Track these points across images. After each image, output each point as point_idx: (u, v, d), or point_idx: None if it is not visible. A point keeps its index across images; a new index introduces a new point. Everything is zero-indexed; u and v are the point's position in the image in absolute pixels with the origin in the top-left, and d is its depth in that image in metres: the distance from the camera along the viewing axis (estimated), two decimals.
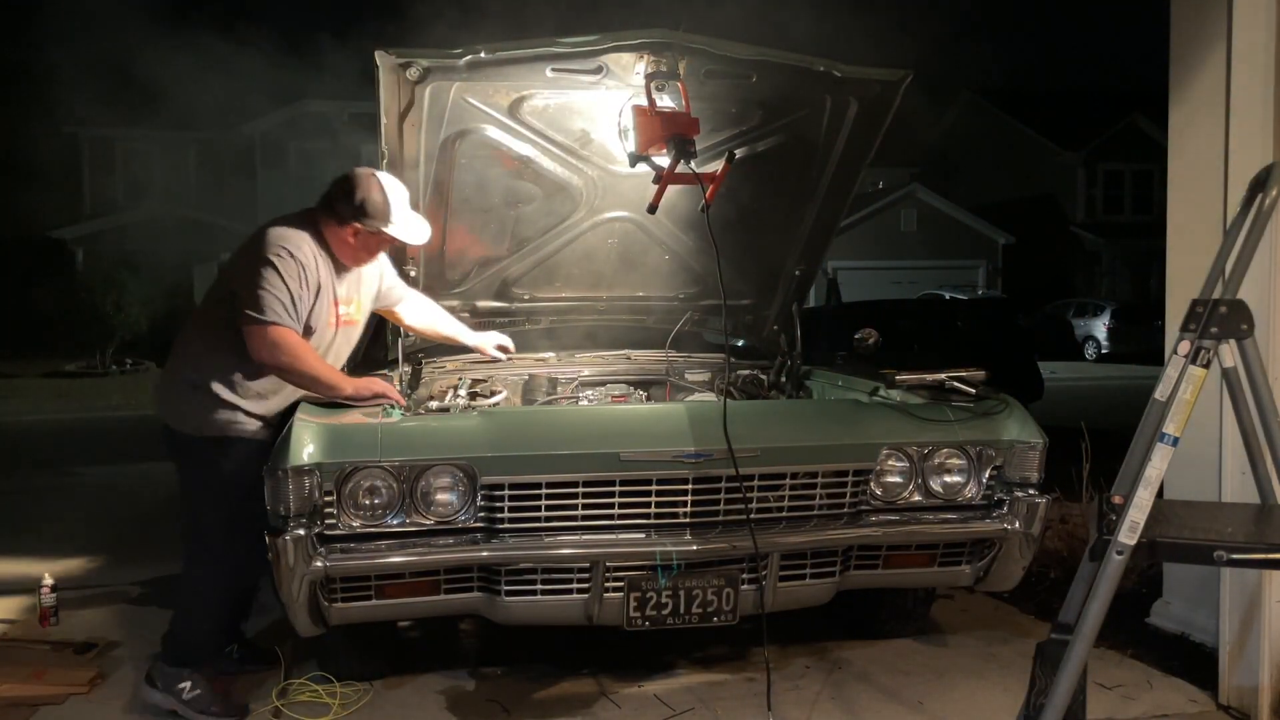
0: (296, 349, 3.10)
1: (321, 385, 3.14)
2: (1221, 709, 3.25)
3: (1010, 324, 12.13)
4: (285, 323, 3.08)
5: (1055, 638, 2.35)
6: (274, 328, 3.06)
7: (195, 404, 3.18)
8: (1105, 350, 22.35)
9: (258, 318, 3.05)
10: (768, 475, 3.13)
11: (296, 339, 3.12)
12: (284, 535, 2.84)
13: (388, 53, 3.14)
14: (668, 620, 3.06)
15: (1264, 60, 3.11)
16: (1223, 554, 2.09)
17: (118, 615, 4.39)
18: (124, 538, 5.96)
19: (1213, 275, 2.36)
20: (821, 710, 3.27)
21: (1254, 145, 3.14)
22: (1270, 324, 3.06)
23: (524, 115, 3.56)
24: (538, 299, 4.25)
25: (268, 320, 3.05)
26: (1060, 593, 2.90)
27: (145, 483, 7.90)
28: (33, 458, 9.65)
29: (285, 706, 3.30)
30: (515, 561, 3.00)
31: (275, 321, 3.06)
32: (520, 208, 3.88)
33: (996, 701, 3.28)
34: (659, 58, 3.35)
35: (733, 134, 3.76)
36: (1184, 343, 2.25)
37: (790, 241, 4.17)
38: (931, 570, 3.38)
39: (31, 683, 3.46)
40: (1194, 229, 3.51)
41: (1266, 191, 2.22)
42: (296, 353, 3.09)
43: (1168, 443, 2.16)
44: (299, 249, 3.16)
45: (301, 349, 3.12)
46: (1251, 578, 3.14)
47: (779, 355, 4.32)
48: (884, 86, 3.60)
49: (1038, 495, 3.28)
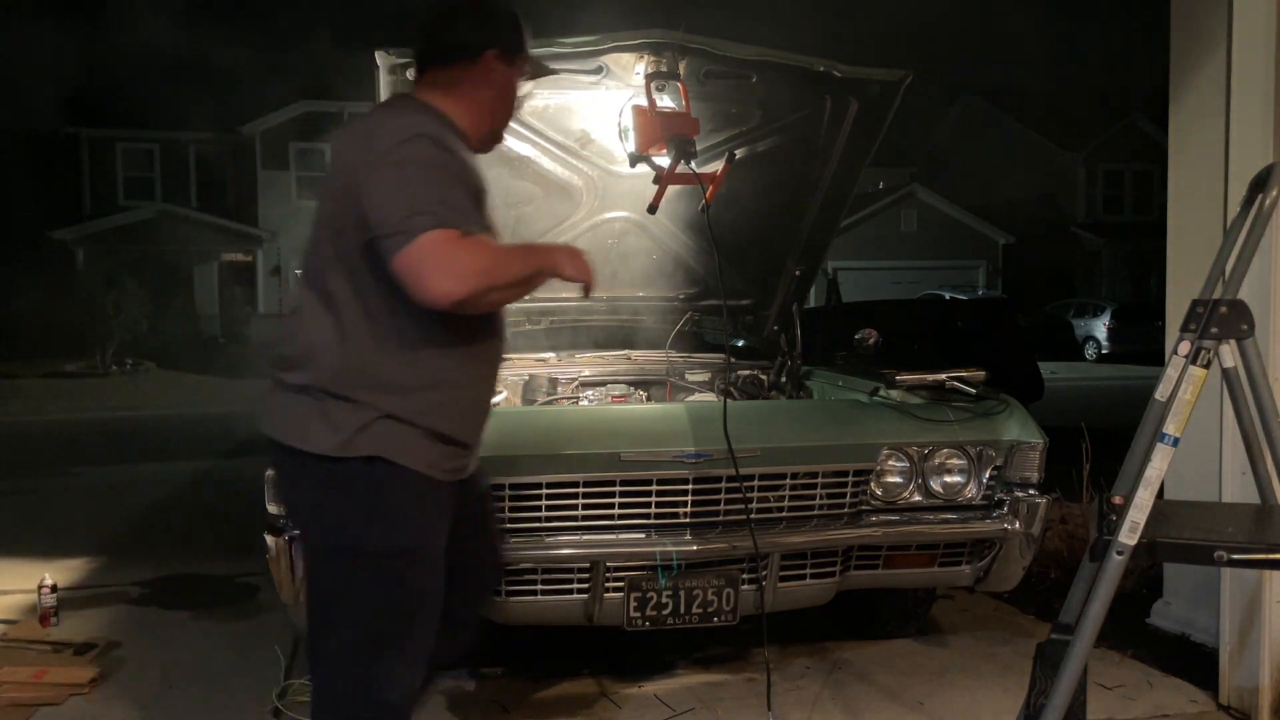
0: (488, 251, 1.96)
1: (534, 280, 2.04)
2: (1222, 709, 3.24)
3: (1010, 324, 12.12)
4: (465, 225, 1.91)
5: (1055, 638, 2.34)
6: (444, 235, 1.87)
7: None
8: (1105, 350, 22.36)
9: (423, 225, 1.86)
10: (768, 475, 3.13)
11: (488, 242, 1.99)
12: (284, 535, 2.85)
13: (388, 52, 3.14)
14: (668, 620, 3.06)
15: (1264, 61, 3.11)
16: (1223, 554, 2.09)
17: (118, 615, 4.39)
18: (124, 538, 5.96)
19: (1213, 275, 2.36)
20: (821, 710, 3.27)
21: (1254, 145, 3.14)
22: (1270, 324, 3.06)
23: (524, 115, 3.56)
24: (538, 299, 4.25)
25: (446, 224, 1.87)
26: (1060, 593, 2.90)
27: (145, 483, 7.90)
28: (33, 458, 9.65)
29: (285, 707, 3.30)
30: (515, 561, 3.00)
31: (445, 224, 1.88)
32: (520, 208, 3.88)
33: (997, 702, 3.28)
34: (659, 58, 3.35)
35: (733, 134, 3.76)
36: (1184, 343, 2.24)
37: (790, 242, 4.17)
38: (931, 570, 3.38)
39: (31, 683, 3.46)
40: (1194, 229, 3.51)
41: (1266, 192, 2.22)
42: (492, 254, 1.97)
43: (1168, 443, 2.16)
44: (443, 136, 2.00)
45: (496, 247, 2.02)
46: (1251, 578, 3.14)
47: (779, 355, 4.32)
48: (884, 87, 3.61)
49: (1038, 495, 3.29)
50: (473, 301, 1.89)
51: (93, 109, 24.94)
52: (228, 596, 4.67)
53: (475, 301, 1.90)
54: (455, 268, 1.85)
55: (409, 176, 1.91)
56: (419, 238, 1.84)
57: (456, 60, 2.11)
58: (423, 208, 1.87)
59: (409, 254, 1.85)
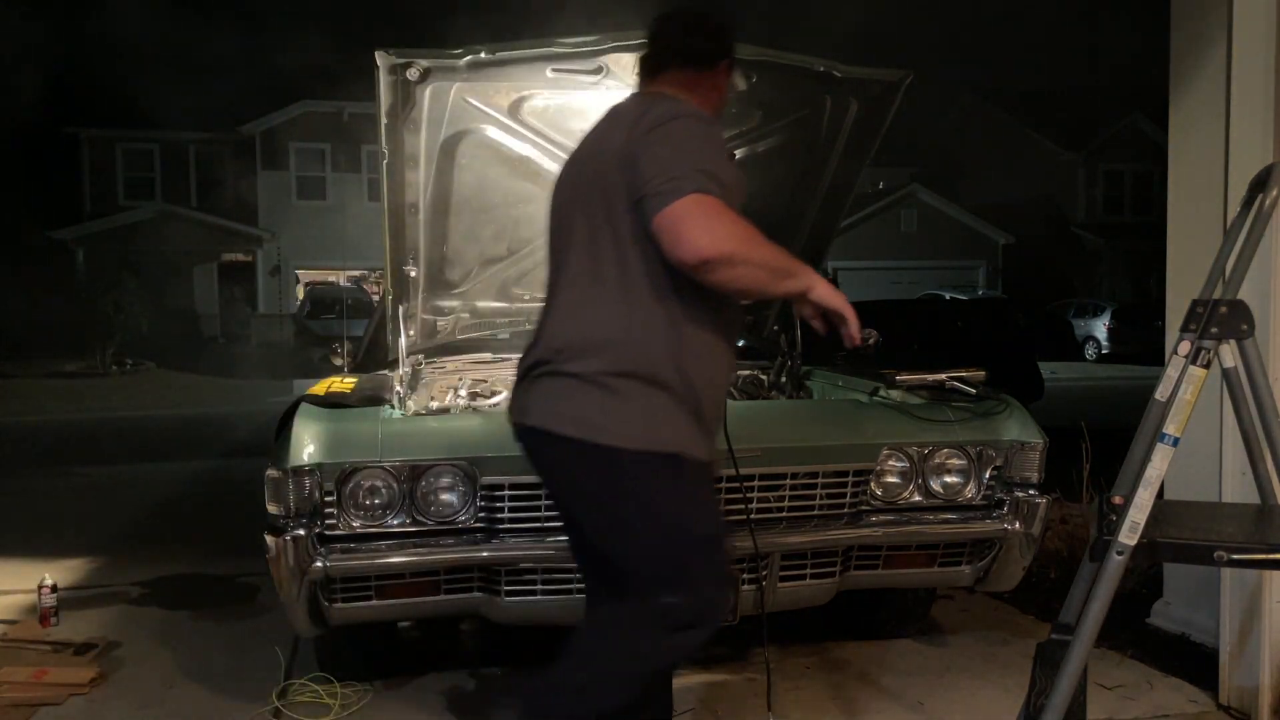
0: (746, 226, 2.03)
1: (783, 279, 2.11)
2: (1222, 709, 3.24)
3: (1010, 324, 12.13)
4: (728, 200, 2.01)
5: (1055, 638, 2.35)
6: (709, 198, 1.96)
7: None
8: (1105, 350, 22.36)
9: (693, 187, 1.96)
10: (768, 475, 3.12)
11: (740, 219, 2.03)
12: (284, 535, 2.85)
13: (388, 53, 3.14)
14: None
15: (1264, 60, 3.11)
16: (1223, 554, 2.09)
17: (118, 615, 4.39)
18: (124, 538, 5.96)
19: (1213, 275, 2.36)
20: (821, 710, 3.27)
21: (1254, 145, 3.14)
22: (1270, 324, 3.06)
23: (524, 115, 3.56)
24: (538, 299, 4.23)
25: (707, 190, 1.96)
26: (1060, 593, 2.90)
27: (145, 483, 7.91)
28: (33, 458, 9.65)
29: (285, 707, 3.30)
30: (515, 561, 3.00)
31: (708, 191, 1.97)
32: (520, 208, 3.88)
33: (997, 702, 3.28)
34: None
35: (733, 134, 3.75)
36: (1184, 343, 2.24)
37: (790, 241, 4.16)
38: (932, 570, 3.38)
39: (31, 683, 3.46)
40: (1194, 229, 3.51)
41: (1266, 192, 2.22)
42: (749, 231, 2.02)
43: (1168, 443, 2.16)
44: (710, 120, 2.20)
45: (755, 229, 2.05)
46: (1251, 578, 3.14)
47: (779, 355, 4.32)
48: (884, 87, 3.60)
49: (1038, 495, 3.29)
50: (721, 265, 1.95)
51: (93, 109, 24.94)
52: (228, 596, 4.67)
53: (723, 266, 1.95)
54: (714, 226, 1.93)
55: (681, 144, 2.02)
56: (684, 197, 1.94)
57: (697, 64, 2.32)
58: (689, 172, 1.97)
59: (672, 210, 1.94)
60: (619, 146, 2.08)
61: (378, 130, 3.35)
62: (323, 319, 20.55)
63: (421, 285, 3.85)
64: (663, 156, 2.00)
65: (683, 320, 2.08)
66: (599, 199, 2.10)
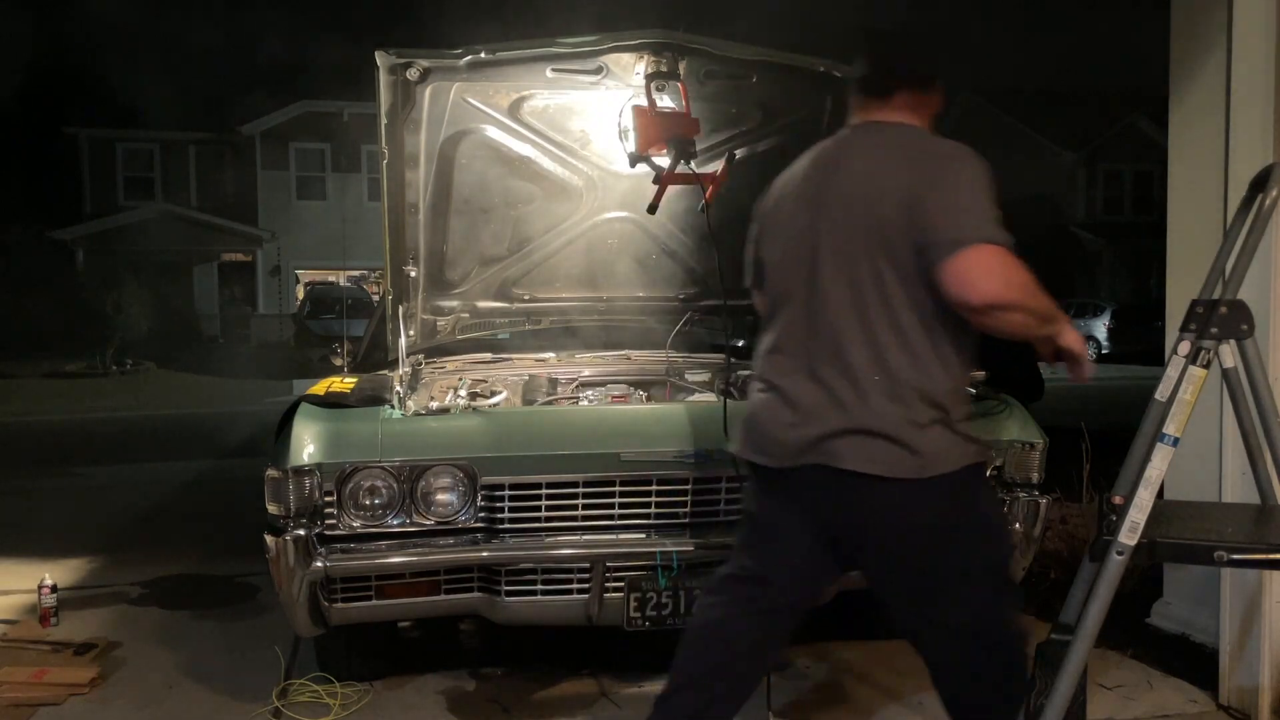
0: (1029, 275, 2.11)
1: (1046, 325, 2.19)
2: (1222, 709, 3.24)
3: None
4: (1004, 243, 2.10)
5: (1055, 638, 2.34)
6: (1001, 249, 2.08)
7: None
8: (1105, 350, 22.35)
9: (983, 236, 2.08)
10: None
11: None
12: (284, 535, 2.85)
13: (387, 52, 3.14)
14: (668, 620, 3.06)
15: (1264, 61, 3.11)
16: (1223, 554, 2.09)
17: (118, 615, 4.39)
18: (124, 538, 5.96)
19: (1213, 275, 2.36)
20: (821, 710, 3.27)
21: (1254, 145, 3.14)
22: (1270, 324, 3.06)
23: (524, 115, 3.56)
24: (538, 299, 4.25)
25: (996, 239, 2.09)
26: (1060, 593, 2.90)
27: (145, 483, 7.91)
28: (33, 458, 9.65)
29: (285, 707, 3.30)
30: (515, 561, 3.00)
31: (999, 241, 2.09)
32: (520, 208, 3.88)
33: None
34: (659, 58, 3.35)
35: (733, 134, 3.76)
36: (1184, 343, 2.24)
37: None
38: None
39: (31, 683, 3.46)
40: (1194, 229, 3.51)
41: (1266, 192, 2.22)
42: (1031, 280, 2.11)
43: (1168, 443, 2.16)
44: (985, 164, 2.27)
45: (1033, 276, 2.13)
46: (1251, 578, 3.14)
47: None
48: None
49: (1038, 495, 3.28)
50: (1005, 311, 2.07)
51: (93, 109, 24.95)
52: (228, 596, 4.67)
53: (1006, 312, 2.07)
54: (1006, 275, 2.05)
55: (968, 189, 2.14)
56: (980, 245, 2.06)
57: (924, 87, 2.38)
58: (982, 222, 2.10)
59: (966, 257, 2.05)
60: (900, 187, 2.15)
61: (378, 130, 3.35)
62: (322, 319, 20.52)
63: (421, 285, 3.85)
64: (952, 203, 2.11)
65: (959, 351, 2.24)
66: (877, 239, 2.16)
